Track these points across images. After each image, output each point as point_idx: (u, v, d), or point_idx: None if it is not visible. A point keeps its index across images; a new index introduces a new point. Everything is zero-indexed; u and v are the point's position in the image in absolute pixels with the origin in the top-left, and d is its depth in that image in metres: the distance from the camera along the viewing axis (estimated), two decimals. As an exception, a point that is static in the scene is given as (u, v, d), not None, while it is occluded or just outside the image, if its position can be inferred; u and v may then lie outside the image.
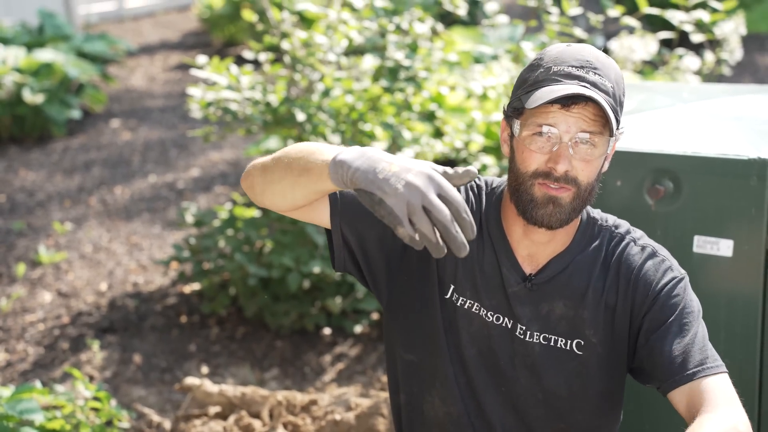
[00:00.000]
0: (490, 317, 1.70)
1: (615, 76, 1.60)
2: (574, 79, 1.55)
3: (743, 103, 2.51)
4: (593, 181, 1.61)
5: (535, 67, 1.61)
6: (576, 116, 1.55)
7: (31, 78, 6.50)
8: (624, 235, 1.71)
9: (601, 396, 1.70)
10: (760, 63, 8.12)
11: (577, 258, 1.68)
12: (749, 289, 2.03)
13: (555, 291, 1.67)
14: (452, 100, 4.75)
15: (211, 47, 9.40)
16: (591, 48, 1.62)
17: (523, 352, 1.69)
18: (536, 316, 1.68)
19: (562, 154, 1.56)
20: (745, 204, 2.01)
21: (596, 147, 1.58)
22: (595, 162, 1.59)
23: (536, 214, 1.60)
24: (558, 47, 1.63)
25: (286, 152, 1.55)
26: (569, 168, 1.57)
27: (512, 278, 1.68)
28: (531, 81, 1.59)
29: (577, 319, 1.67)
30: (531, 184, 1.60)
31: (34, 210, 5.42)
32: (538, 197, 1.59)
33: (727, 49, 4.25)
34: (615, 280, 1.67)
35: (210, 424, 2.91)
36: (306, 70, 3.86)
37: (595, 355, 1.67)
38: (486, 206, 1.73)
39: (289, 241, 3.84)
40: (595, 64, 1.58)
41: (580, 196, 1.60)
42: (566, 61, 1.58)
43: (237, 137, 6.53)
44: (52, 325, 4.07)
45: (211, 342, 3.91)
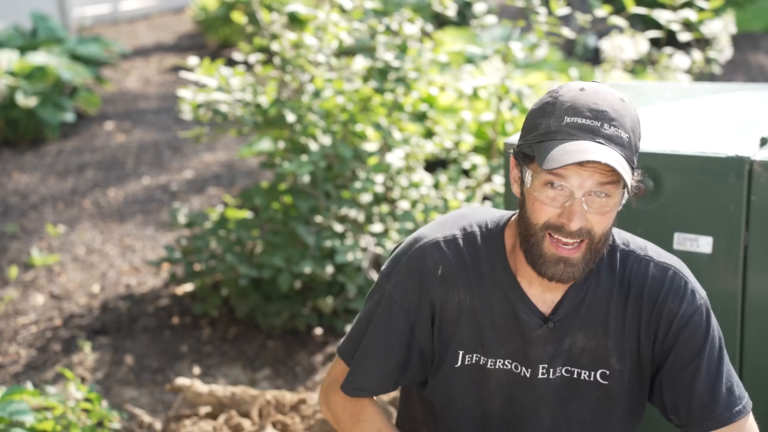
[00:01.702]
0: (508, 365, 1.65)
1: (631, 123, 1.53)
2: (588, 134, 1.48)
3: (725, 101, 2.53)
4: (608, 231, 1.56)
5: (547, 113, 1.53)
6: (590, 171, 1.49)
7: (24, 81, 6.51)
8: (638, 253, 1.65)
9: (625, 417, 1.68)
10: (753, 62, 8.15)
11: (593, 285, 1.63)
12: (728, 285, 2.05)
13: (575, 323, 1.63)
14: (444, 100, 4.77)
15: (206, 49, 9.41)
16: (606, 92, 1.53)
17: (546, 392, 1.65)
18: (559, 352, 1.63)
19: (575, 211, 1.50)
20: (724, 201, 2.03)
21: (611, 198, 1.51)
22: (610, 213, 1.53)
23: (546, 272, 1.55)
24: (572, 90, 1.53)
25: None
26: (583, 224, 1.51)
27: (532, 322, 1.62)
28: (543, 129, 1.52)
29: (600, 349, 1.63)
30: (542, 236, 1.54)
31: (28, 213, 5.44)
32: (548, 255, 1.54)
33: (716, 48, 4.27)
34: (637, 306, 1.63)
35: (200, 424, 2.93)
36: (296, 71, 3.88)
37: (620, 382, 1.64)
38: (487, 252, 1.64)
39: (280, 241, 3.86)
40: (611, 115, 1.50)
41: (592, 248, 1.55)
42: (581, 111, 1.50)
43: (230, 139, 6.55)
44: (45, 327, 4.08)
45: (202, 343, 3.93)
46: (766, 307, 2.04)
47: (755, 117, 2.34)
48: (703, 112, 2.44)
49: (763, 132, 2.14)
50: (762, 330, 2.04)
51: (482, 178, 4.03)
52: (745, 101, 2.54)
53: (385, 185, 3.93)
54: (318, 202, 3.84)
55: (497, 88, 3.91)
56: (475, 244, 1.65)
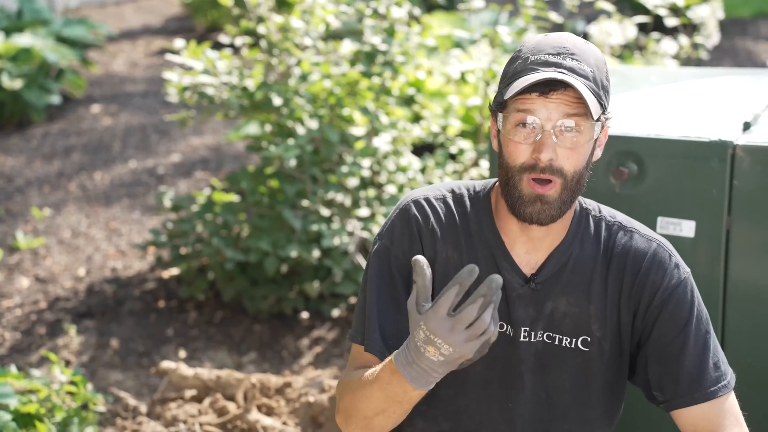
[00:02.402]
0: None
1: (595, 60, 1.57)
2: (551, 67, 1.54)
3: (710, 86, 2.54)
4: (581, 170, 1.58)
5: (514, 60, 1.60)
6: (556, 102, 1.53)
7: (9, 63, 6.46)
8: (623, 224, 1.67)
9: (605, 389, 1.69)
10: (741, 47, 8.17)
11: (576, 251, 1.65)
12: (711, 269, 2.06)
13: (558, 288, 1.64)
14: (431, 84, 4.76)
15: (194, 32, 9.36)
16: (569, 35, 1.60)
17: (527, 356, 1.66)
18: (540, 315, 1.64)
19: (545, 143, 1.54)
20: (707, 186, 2.04)
21: (581, 133, 1.54)
22: (581, 149, 1.56)
23: (524, 212, 1.58)
24: (536, 37, 1.62)
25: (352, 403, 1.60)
26: (553, 157, 1.54)
27: (514, 282, 1.64)
28: (510, 73, 1.59)
29: (582, 316, 1.64)
30: (519, 178, 1.57)
31: (13, 195, 5.41)
32: (526, 194, 1.57)
33: (704, 33, 4.27)
34: (619, 275, 1.64)
35: (185, 407, 2.93)
36: (283, 54, 3.86)
37: (600, 350, 1.65)
38: (474, 212, 1.68)
39: (266, 225, 3.85)
40: (573, 50, 1.56)
41: (567, 187, 1.57)
42: (543, 49, 1.57)
43: (218, 123, 6.52)
44: (30, 310, 4.07)
45: (189, 326, 3.93)
46: (747, 291, 2.05)
47: (739, 101, 2.35)
48: (687, 97, 2.44)
49: (747, 116, 2.14)
50: (743, 313, 2.06)
51: (469, 162, 4.03)
52: (729, 86, 2.54)
53: (372, 169, 3.93)
54: (304, 186, 3.83)
55: (485, 72, 3.91)
56: (464, 205, 1.69)
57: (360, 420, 1.61)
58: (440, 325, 1.40)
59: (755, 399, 2.02)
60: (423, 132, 4.07)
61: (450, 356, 1.42)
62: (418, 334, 1.43)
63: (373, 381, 1.55)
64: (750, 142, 2.02)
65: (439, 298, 1.41)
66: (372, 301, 1.67)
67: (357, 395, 1.60)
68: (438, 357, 1.43)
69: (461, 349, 1.41)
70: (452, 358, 1.43)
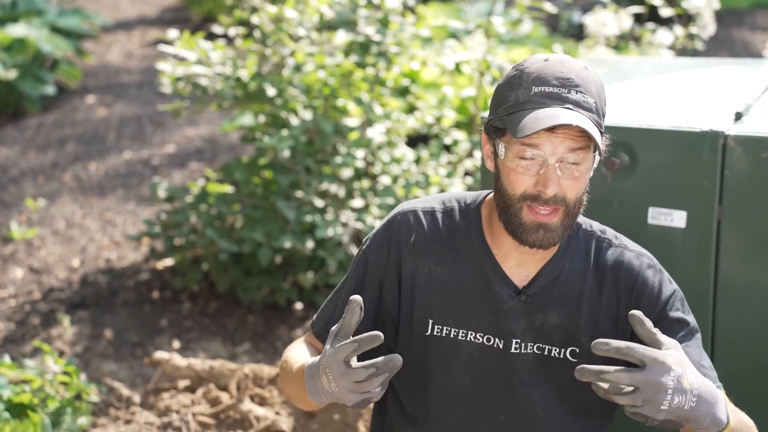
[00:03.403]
0: (480, 339, 1.67)
1: (596, 89, 1.58)
2: (556, 100, 1.53)
3: (702, 76, 2.54)
4: (581, 196, 1.60)
5: (515, 86, 1.58)
6: (561, 137, 1.54)
7: (3, 53, 6.44)
8: (612, 241, 1.69)
9: (596, 401, 1.68)
10: (737, 38, 8.16)
11: (567, 265, 1.66)
12: (702, 259, 2.06)
13: (548, 301, 1.65)
14: (425, 75, 4.76)
15: (190, 23, 9.33)
16: (570, 61, 1.59)
17: (520, 369, 1.66)
18: (531, 327, 1.65)
19: (550, 177, 1.55)
20: (698, 176, 2.04)
21: (583, 163, 1.56)
22: (582, 178, 1.58)
23: (527, 239, 1.59)
24: (536, 62, 1.59)
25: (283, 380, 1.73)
26: (558, 190, 1.56)
27: (505, 294, 1.65)
28: (512, 101, 1.57)
29: (571, 328, 1.65)
30: (520, 207, 1.58)
31: (7, 186, 5.40)
32: (527, 223, 1.58)
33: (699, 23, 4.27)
34: (614, 289, 1.66)
35: (178, 397, 2.93)
36: (277, 45, 3.85)
37: (589, 362, 1.63)
38: (464, 225, 1.69)
39: (260, 216, 3.85)
40: (576, 81, 1.55)
41: (569, 213, 1.59)
42: (547, 80, 1.55)
43: (213, 113, 6.51)
44: (24, 300, 4.07)
45: (182, 317, 3.93)
46: (738, 281, 2.06)
47: (731, 92, 2.35)
48: (680, 87, 2.44)
49: (738, 107, 2.14)
50: (734, 303, 2.06)
51: (464, 153, 4.03)
52: (722, 76, 2.54)
53: (366, 160, 3.92)
54: (298, 176, 3.83)
55: (479, 63, 3.90)
56: (453, 218, 1.70)
57: (288, 393, 1.75)
58: (335, 368, 1.48)
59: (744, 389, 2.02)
60: (417, 123, 4.07)
61: (334, 394, 1.51)
62: (322, 359, 1.51)
63: (293, 370, 1.66)
64: (741, 132, 2.02)
65: (341, 344, 1.48)
66: (339, 298, 1.74)
67: (284, 370, 1.71)
68: (328, 389, 1.51)
69: (343, 394, 1.49)
70: (335, 396, 1.52)
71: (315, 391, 1.54)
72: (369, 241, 1.73)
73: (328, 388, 1.50)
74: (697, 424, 1.48)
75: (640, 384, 1.43)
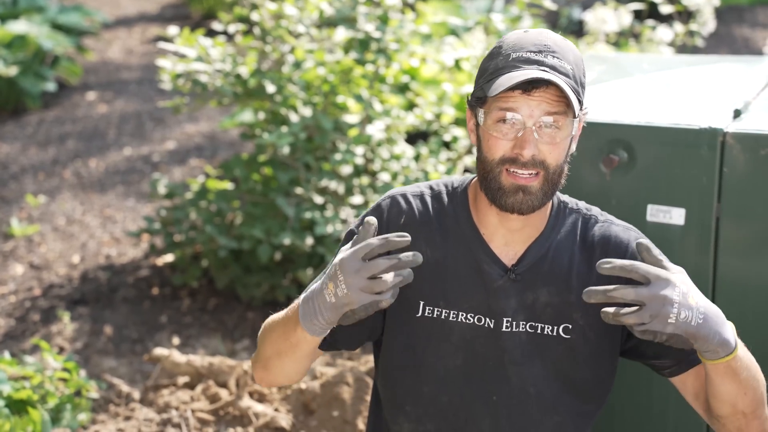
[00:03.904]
0: (471, 319, 1.68)
1: (574, 57, 1.61)
2: (533, 64, 1.56)
3: (701, 73, 2.54)
4: (561, 164, 1.62)
5: (494, 56, 1.62)
6: (538, 100, 1.56)
7: (4, 50, 6.44)
8: (598, 217, 1.71)
9: (591, 378, 1.70)
10: (738, 35, 8.15)
11: (555, 243, 1.68)
12: (700, 256, 2.06)
13: (538, 278, 1.67)
14: (425, 72, 4.75)
15: (190, 20, 9.33)
16: (548, 32, 1.64)
17: (511, 347, 1.67)
18: (522, 306, 1.66)
19: (527, 139, 1.57)
20: (697, 173, 2.04)
21: (561, 129, 1.58)
22: (561, 144, 1.60)
23: (506, 202, 1.61)
24: (516, 34, 1.64)
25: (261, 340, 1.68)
26: (536, 152, 1.58)
27: (494, 273, 1.66)
28: (491, 69, 1.61)
29: (563, 305, 1.66)
30: (499, 171, 1.60)
31: (8, 183, 5.40)
32: (506, 186, 1.60)
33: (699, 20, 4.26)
34: None
35: (178, 393, 2.94)
36: (277, 42, 3.85)
37: (583, 338, 1.67)
38: (452, 207, 1.71)
39: (259, 213, 3.85)
40: (553, 48, 1.59)
41: (549, 179, 1.61)
42: (524, 47, 1.59)
43: (212, 110, 6.51)
44: (24, 297, 4.07)
45: (182, 313, 3.94)
46: (736, 278, 2.06)
47: (730, 89, 2.35)
48: (678, 84, 2.44)
49: (737, 104, 2.14)
50: (732, 300, 2.06)
51: (463, 150, 4.03)
52: (721, 73, 2.54)
53: (366, 157, 3.93)
54: (298, 173, 3.83)
55: (479, 59, 3.90)
56: (441, 201, 1.73)
57: (261, 360, 1.69)
58: (350, 264, 1.46)
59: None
60: (417, 120, 4.07)
61: (340, 299, 1.48)
62: (328, 269, 1.50)
63: (281, 316, 1.63)
64: (740, 129, 2.02)
65: (363, 243, 1.48)
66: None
67: (266, 332, 1.68)
68: (331, 298, 1.48)
69: (353, 294, 1.46)
70: (341, 302, 1.48)
71: (311, 312, 1.52)
72: (357, 221, 1.75)
73: (332, 297, 1.47)
74: (706, 343, 1.49)
75: (645, 299, 1.44)
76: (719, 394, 1.58)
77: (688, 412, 2.15)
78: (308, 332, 1.54)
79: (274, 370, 1.68)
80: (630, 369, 2.17)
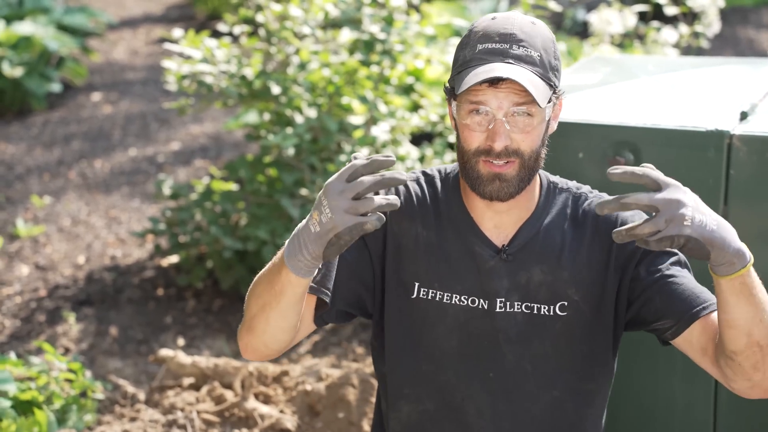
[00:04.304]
0: (465, 301, 1.69)
1: (542, 42, 1.61)
2: (498, 56, 1.57)
3: (707, 75, 2.53)
4: (537, 148, 1.63)
5: (464, 45, 1.63)
6: (505, 92, 1.57)
7: (10, 51, 6.46)
8: (588, 194, 1.73)
9: (588, 353, 1.71)
10: (742, 36, 8.14)
11: (546, 221, 1.70)
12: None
13: (530, 258, 1.68)
14: (430, 73, 4.75)
15: (195, 20, 9.34)
16: (516, 17, 1.63)
17: (506, 327, 1.68)
18: (515, 286, 1.68)
19: (498, 131, 1.58)
20: (703, 175, 2.04)
21: (533, 116, 1.59)
22: (535, 131, 1.61)
23: (484, 190, 1.63)
24: (484, 21, 1.64)
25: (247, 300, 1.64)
26: (508, 143, 1.59)
27: (485, 254, 1.68)
28: (461, 61, 1.62)
29: (557, 282, 1.68)
30: (475, 161, 1.62)
31: (13, 183, 5.41)
32: (483, 174, 1.62)
33: (704, 22, 4.26)
34: (596, 236, 1.68)
35: (183, 394, 2.94)
36: (282, 43, 3.86)
37: (579, 312, 1.68)
38: (443, 192, 1.74)
39: (264, 214, 3.86)
40: (519, 36, 1.59)
41: (525, 165, 1.62)
42: (491, 37, 1.60)
43: (217, 111, 6.52)
44: (29, 297, 4.08)
45: (187, 314, 3.94)
46: (742, 281, 2.05)
47: (736, 91, 2.35)
48: (684, 86, 2.44)
49: (744, 106, 2.14)
50: (738, 303, 2.06)
51: (468, 151, 4.03)
52: (727, 75, 2.54)
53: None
54: (303, 174, 3.84)
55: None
56: (434, 186, 1.75)
57: (246, 322, 1.64)
58: (335, 186, 1.43)
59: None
60: (421, 121, 4.07)
61: (324, 225, 1.44)
62: (316, 200, 1.48)
63: (267, 267, 1.60)
64: (747, 131, 2.02)
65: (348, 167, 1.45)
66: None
67: (252, 289, 1.63)
68: (315, 227, 1.45)
69: (337, 216, 1.42)
70: (325, 228, 1.43)
71: (296, 248, 1.48)
72: None
73: (316, 227, 1.44)
74: (722, 252, 1.46)
75: (659, 203, 1.43)
76: (734, 321, 1.51)
77: (694, 414, 2.15)
78: (293, 271, 1.50)
79: (258, 330, 1.61)
80: (635, 370, 2.17)
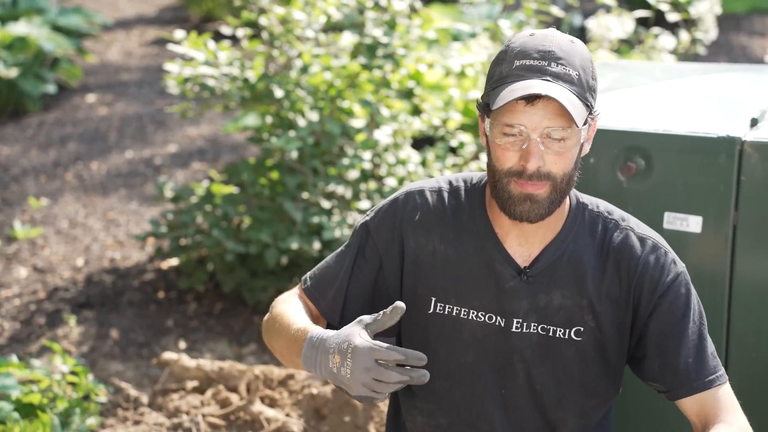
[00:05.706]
0: (482, 317, 1.68)
1: (581, 61, 1.58)
2: (536, 73, 1.54)
3: (715, 81, 2.55)
4: (570, 171, 1.60)
5: (500, 61, 1.61)
6: (541, 111, 1.54)
7: (4, 52, 6.43)
8: (619, 222, 1.69)
9: (600, 378, 1.71)
10: (735, 43, 8.19)
11: (571, 246, 1.67)
12: (717, 264, 2.07)
13: (551, 281, 1.66)
14: (431, 77, 4.76)
15: (189, 22, 9.32)
16: (555, 35, 1.60)
17: (521, 346, 1.68)
18: (534, 308, 1.66)
19: (531, 152, 1.56)
20: (714, 181, 2.05)
21: (567, 138, 1.56)
22: (568, 153, 1.58)
23: (515, 211, 1.60)
24: (522, 38, 1.61)
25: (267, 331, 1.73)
26: (541, 164, 1.56)
27: (507, 273, 1.66)
28: (496, 77, 1.59)
29: (575, 308, 1.66)
30: (507, 181, 1.59)
31: (9, 185, 5.39)
32: (515, 195, 1.59)
33: (702, 28, 4.28)
34: (616, 273, 1.66)
35: (187, 398, 2.93)
36: (284, 46, 3.86)
37: (594, 340, 1.67)
38: (469, 204, 1.71)
39: (266, 217, 3.85)
40: (558, 54, 1.56)
41: (557, 188, 1.60)
42: (529, 53, 1.57)
43: (215, 113, 6.50)
44: (28, 300, 4.06)
45: (188, 317, 3.93)
46: (753, 286, 2.07)
47: (745, 98, 2.36)
48: (693, 93, 2.45)
49: (754, 113, 2.16)
50: (749, 308, 2.07)
51: (469, 155, 4.04)
52: (734, 82, 2.56)
53: (373, 162, 3.93)
54: (305, 178, 3.84)
55: (484, 65, 3.91)
56: (459, 197, 1.72)
57: (267, 341, 1.74)
58: (363, 359, 1.47)
59: (759, 393, 2.04)
60: (423, 125, 4.08)
61: (339, 380, 1.50)
62: (342, 340, 1.49)
63: (288, 328, 1.64)
64: (758, 138, 2.03)
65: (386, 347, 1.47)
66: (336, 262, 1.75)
67: (275, 324, 1.70)
68: (333, 368, 1.50)
69: (354, 384, 1.48)
70: (339, 381, 1.51)
71: (313, 363, 1.54)
72: (372, 213, 1.75)
73: (336, 370, 1.49)
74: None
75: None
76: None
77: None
78: (306, 370, 1.58)
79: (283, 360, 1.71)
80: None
